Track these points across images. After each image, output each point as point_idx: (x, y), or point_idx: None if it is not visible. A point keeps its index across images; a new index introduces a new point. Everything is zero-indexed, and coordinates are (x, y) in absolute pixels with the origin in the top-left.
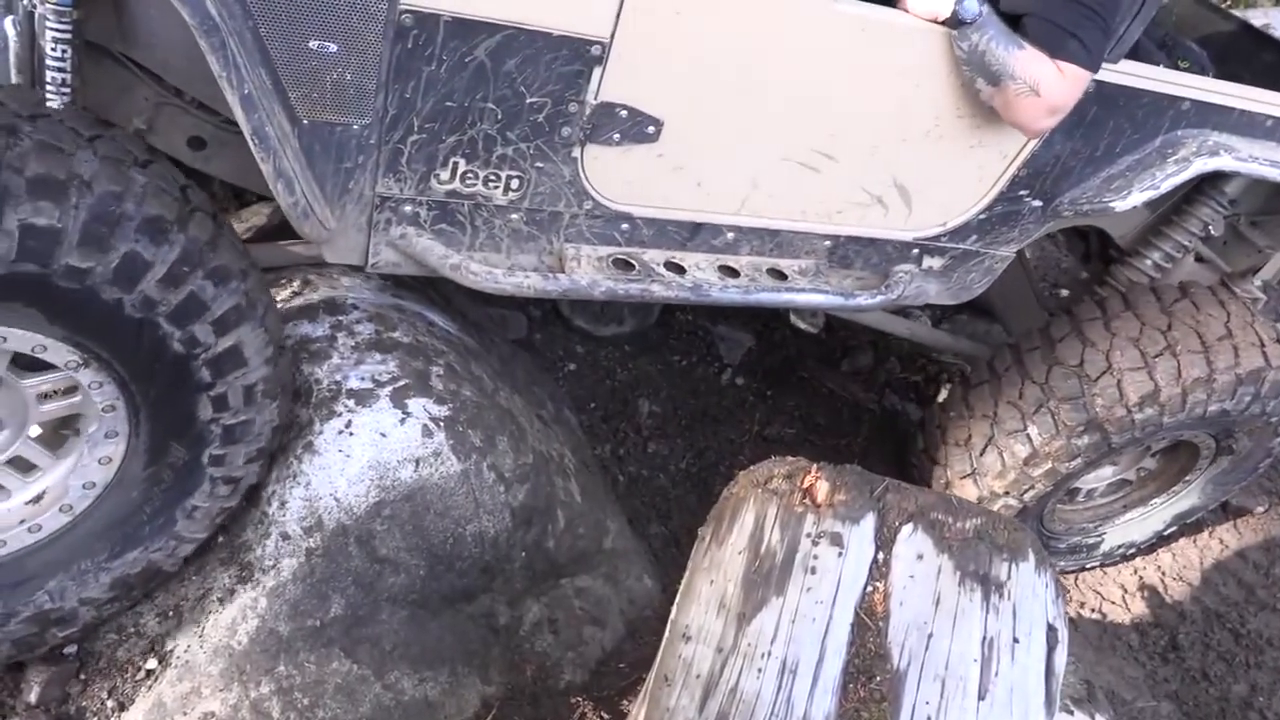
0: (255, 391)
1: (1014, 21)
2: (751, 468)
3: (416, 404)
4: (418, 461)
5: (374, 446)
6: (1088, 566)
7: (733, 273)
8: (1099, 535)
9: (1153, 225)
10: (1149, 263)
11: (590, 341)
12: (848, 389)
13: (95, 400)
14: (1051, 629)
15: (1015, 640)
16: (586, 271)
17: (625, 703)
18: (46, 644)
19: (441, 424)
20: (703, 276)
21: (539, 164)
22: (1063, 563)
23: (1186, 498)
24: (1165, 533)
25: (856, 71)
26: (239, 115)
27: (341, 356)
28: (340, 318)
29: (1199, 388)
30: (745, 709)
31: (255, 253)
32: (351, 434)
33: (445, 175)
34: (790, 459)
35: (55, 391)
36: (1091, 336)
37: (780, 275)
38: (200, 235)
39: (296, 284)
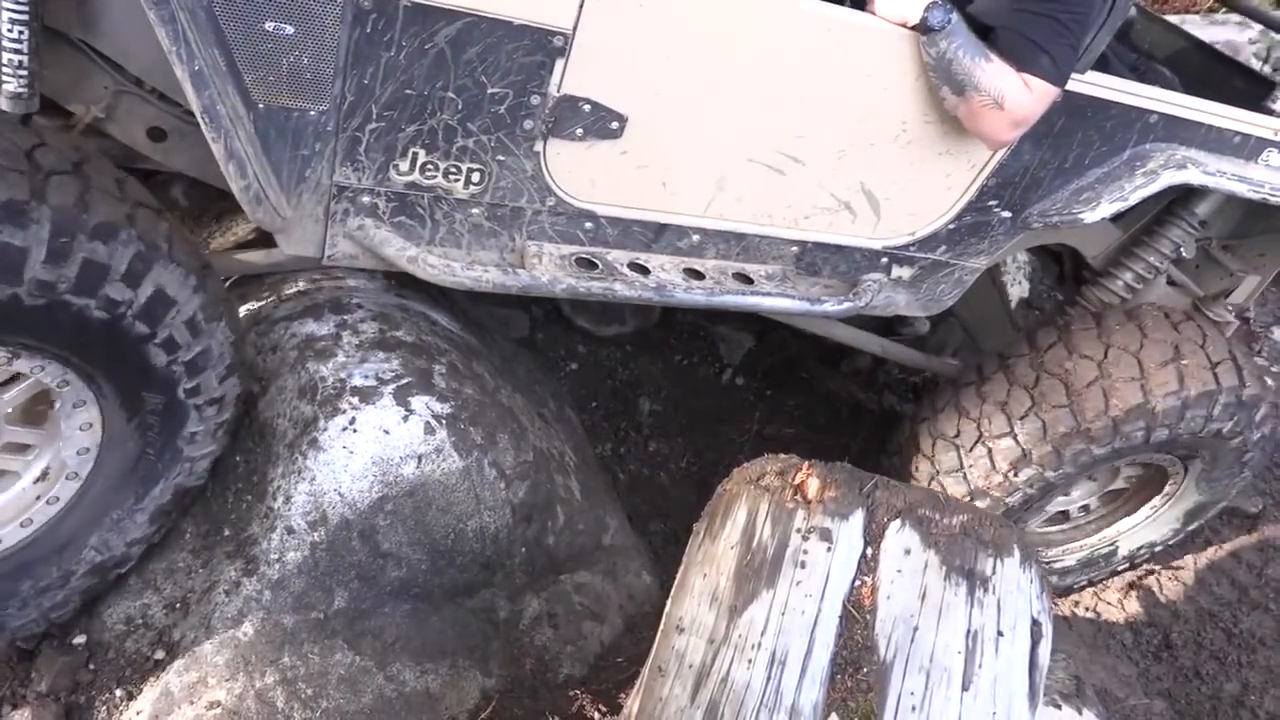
0: (197, 321)
1: (985, 32)
2: (745, 464)
3: (419, 402)
4: (420, 458)
5: (377, 443)
6: (1119, 570)
7: (698, 275)
8: (1111, 545)
9: (1124, 246)
10: (1120, 283)
11: (592, 341)
12: (847, 389)
13: (46, 380)
14: (1036, 623)
15: (999, 633)
16: (548, 269)
17: (623, 696)
18: (111, 584)
19: (443, 421)
20: (667, 277)
21: (500, 157)
22: (1083, 577)
23: (1183, 498)
24: (1189, 528)
25: (823, 73)
26: (189, 92)
27: (346, 355)
28: (345, 317)
29: (1070, 440)
30: (735, 698)
31: (222, 262)
32: (355, 430)
33: (405, 166)
34: (783, 456)
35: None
36: (966, 405)
37: (746, 279)
38: (65, 200)
39: (302, 283)
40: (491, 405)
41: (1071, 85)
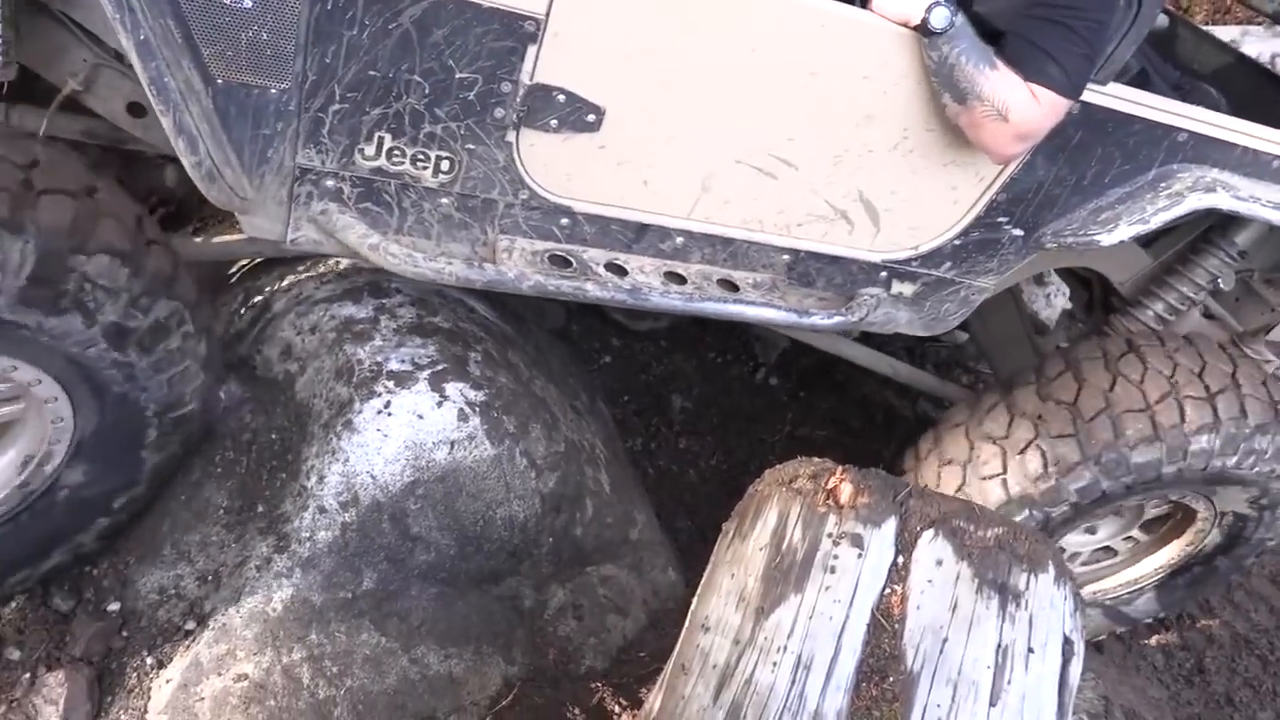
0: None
1: (995, 37)
2: (777, 466)
3: (454, 388)
4: (452, 444)
5: (411, 427)
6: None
7: (679, 280)
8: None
9: (1156, 274)
10: (1150, 314)
11: (626, 335)
12: (882, 394)
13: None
14: (1068, 641)
15: (1030, 650)
16: (517, 264)
17: (644, 691)
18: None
19: (477, 409)
20: (644, 280)
21: (470, 146)
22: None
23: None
24: None
25: (816, 73)
26: (135, 62)
27: (383, 339)
28: (383, 301)
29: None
30: (759, 700)
31: (182, 248)
32: (390, 414)
33: (370, 150)
34: (816, 459)
35: None
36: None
37: (732, 287)
38: None
39: (344, 265)
40: (525, 395)
41: (1091, 97)
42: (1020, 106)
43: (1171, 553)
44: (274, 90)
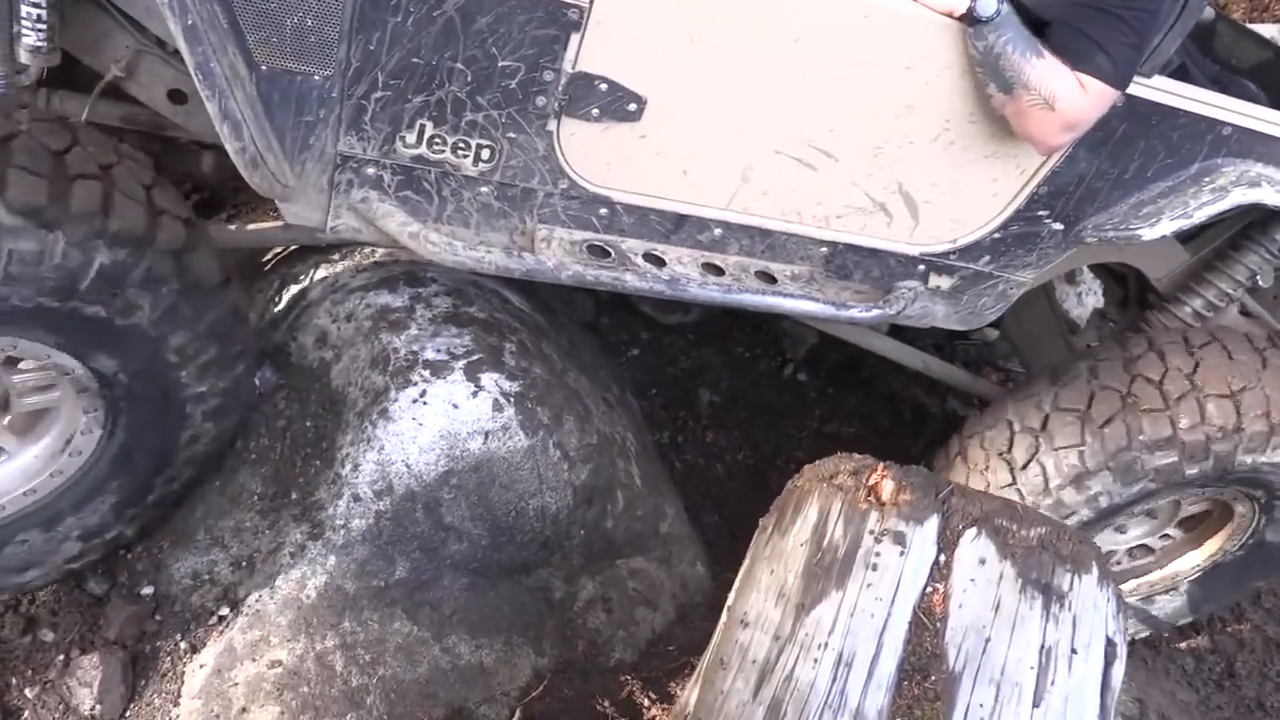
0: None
1: (1041, 27)
2: (817, 462)
3: (489, 378)
4: (487, 434)
5: (446, 417)
6: None
7: (717, 271)
8: None
9: (1194, 270)
10: (1188, 310)
11: (655, 328)
12: (910, 391)
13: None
14: (1110, 643)
15: (1073, 651)
16: (556, 254)
17: (673, 685)
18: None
19: (512, 399)
20: (682, 271)
21: (511, 134)
22: None
23: None
24: None
25: (858, 64)
26: (183, 47)
27: (419, 328)
28: (420, 290)
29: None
30: (799, 697)
31: (219, 235)
32: (425, 403)
33: (411, 138)
34: (857, 456)
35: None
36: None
37: (769, 279)
38: None
39: (379, 254)
40: (559, 386)
41: (1135, 89)
42: (1067, 95)
43: None
44: (317, 77)
